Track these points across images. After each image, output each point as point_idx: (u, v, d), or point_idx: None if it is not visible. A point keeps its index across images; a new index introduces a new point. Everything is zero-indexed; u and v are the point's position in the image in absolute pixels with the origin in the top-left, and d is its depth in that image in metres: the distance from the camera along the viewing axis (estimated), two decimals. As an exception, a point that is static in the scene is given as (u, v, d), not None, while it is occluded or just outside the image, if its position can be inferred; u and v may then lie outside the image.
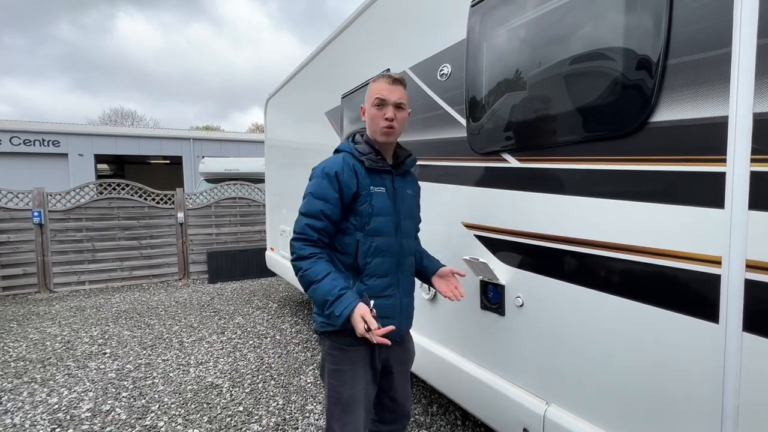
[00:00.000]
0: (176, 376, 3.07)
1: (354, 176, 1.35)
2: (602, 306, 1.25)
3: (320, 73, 3.39)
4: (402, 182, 1.49)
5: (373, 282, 1.37)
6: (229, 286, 6.09)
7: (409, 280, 1.50)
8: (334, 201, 1.32)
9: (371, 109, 1.38)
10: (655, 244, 1.11)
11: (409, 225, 1.50)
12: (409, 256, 1.49)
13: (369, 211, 1.36)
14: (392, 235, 1.41)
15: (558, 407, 1.41)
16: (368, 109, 1.40)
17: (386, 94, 1.36)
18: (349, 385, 1.37)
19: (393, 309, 1.41)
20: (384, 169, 1.41)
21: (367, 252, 1.36)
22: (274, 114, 4.77)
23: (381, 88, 1.37)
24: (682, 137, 1.04)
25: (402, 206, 1.46)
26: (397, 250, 1.42)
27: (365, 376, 1.40)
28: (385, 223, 1.38)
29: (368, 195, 1.36)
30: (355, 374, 1.37)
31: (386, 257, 1.39)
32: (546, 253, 1.44)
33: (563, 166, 1.36)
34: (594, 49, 1.24)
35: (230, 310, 4.77)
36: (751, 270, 0.92)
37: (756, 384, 0.92)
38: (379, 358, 1.43)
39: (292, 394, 2.76)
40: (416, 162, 1.57)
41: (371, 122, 1.39)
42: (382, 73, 1.41)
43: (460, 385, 1.86)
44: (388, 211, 1.40)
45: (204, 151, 15.87)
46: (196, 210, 6.64)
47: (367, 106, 1.41)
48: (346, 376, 1.37)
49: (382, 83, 1.38)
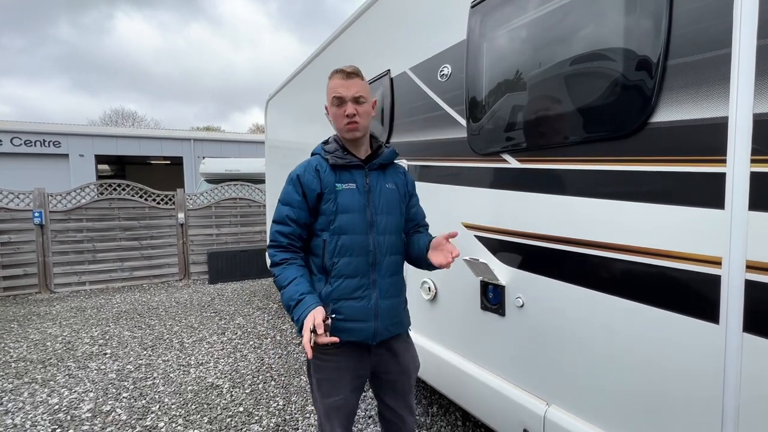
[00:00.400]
0: (177, 376, 3.07)
1: (316, 177, 1.33)
2: (602, 307, 1.25)
3: (320, 74, 3.39)
4: (379, 176, 1.41)
5: (340, 283, 1.31)
6: (229, 286, 6.10)
7: (389, 280, 1.38)
8: (298, 204, 1.32)
9: (331, 108, 1.35)
10: (656, 245, 1.11)
11: (388, 221, 1.38)
12: (392, 255, 1.39)
13: (333, 209, 1.31)
14: (362, 233, 1.33)
15: (558, 408, 1.41)
16: (330, 109, 1.37)
17: (342, 90, 1.31)
18: (326, 393, 1.35)
19: (365, 311, 1.32)
20: (353, 164, 1.36)
21: (334, 252, 1.31)
22: (274, 114, 4.77)
23: (336, 85, 1.32)
24: (683, 138, 1.04)
25: (378, 201, 1.37)
26: (369, 248, 1.33)
27: (347, 385, 1.35)
28: (352, 221, 1.32)
29: (332, 192, 1.32)
30: (335, 383, 1.34)
31: (354, 256, 1.32)
32: (546, 253, 1.44)
33: (564, 167, 1.36)
34: (594, 50, 1.24)
35: (231, 311, 4.77)
36: (751, 270, 0.92)
37: (756, 385, 0.92)
38: (366, 367, 1.39)
39: (293, 394, 2.76)
40: (395, 153, 1.47)
41: (334, 121, 1.36)
42: (336, 69, 1.35)
43: (460, 386, 1.86)
44: (356, 208, 1.33)
45: (204, 152, 15.89)
46: (196, 210, 6.64)
47: (328, 106, 1.37)
48: (325, 385, 1.35)
49: (336, 80, 1.33)
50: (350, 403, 1.38)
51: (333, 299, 1.30)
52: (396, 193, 1.44)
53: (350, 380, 1.36)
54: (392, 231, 1.41)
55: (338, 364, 1.34)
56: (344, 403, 1.35)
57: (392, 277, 1.40)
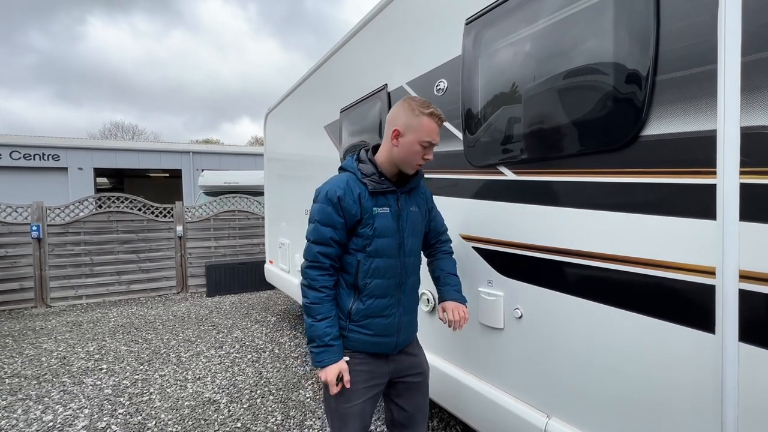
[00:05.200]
0: (173, 391, 3.03)
1: (356, 202, 1.35)
2: (600, 317, 1.26)
3: (319, 88, 3.45)
4: (407, 200, 1.47)
5: (371, 302, 1.38)
6: (227, 299, 6.06)
7: (411, 298, 1.50)
8: (341, 226, 1.35)
9: (415, 145, 1.34)
10: (651, 255, 1.12)
11: (413, 243, 1.48)
12: (413, 276, 1.49)
13: (370, 233, 1.36)
14: (394, 257, 1.41)
15: (559, 420, 1.40)
16: (410, 142, 1.35)
17: (436, 137, 1.37)
18: (345, 399, 1.38)
19: (390, 327, 1.42)
20: (389, 190, 1.41)
21: (367, 273, 1.37)
22: (273, 127, 4.82)
23: (433, 130, 1.35)
24: (674, 150, 1.07)
25: (407, 225, 1.44)
26: (399, 270, 1.42)
27: (363, 392, 1.40)
28: (387, 245, 1.39)
29: (371, 218, 1.36)
30: (352, 391, 1.37)
31: (386, 278, 1.40)
32: (543, 264, 1.45)
33: (559, 179, 1.38)
34: (586, 65, 1.28)
35: (228, 324, 4.74)
36: (744, 280, 0.93)
37: (755, 394, 0.93)
38: (384, 373, 1.45)
39: (291, 409, 2.73)
40: (423, 176, 1.56)
41: (407, 154, 1.36)
42: (431, 109, 1.34)
43: (459, 399, 1.84)
44: (391, 232, 1.40)
45: (203, 164, 15.97)
46: (195, 223, 6.64)
47: (409, 138, 1.34)
48: (345, 391, 1.37)
49: (434, 123, 1.34)
50: (367, 411, 1.42)
51: (363, 316, 1.38)
52: (419, 214, 1.51)
53: (369, 387, 1.41)
54: (416, 252, 1.51)
55: (356, 368, 1.38)
56: (361, 411, 1.39)
57: (413, 295, 1.52)
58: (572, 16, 1.32)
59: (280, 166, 4.58)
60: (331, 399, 1.41)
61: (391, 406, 1.54)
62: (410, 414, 1.52)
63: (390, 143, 1.38)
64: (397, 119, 1.37)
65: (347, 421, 1.39)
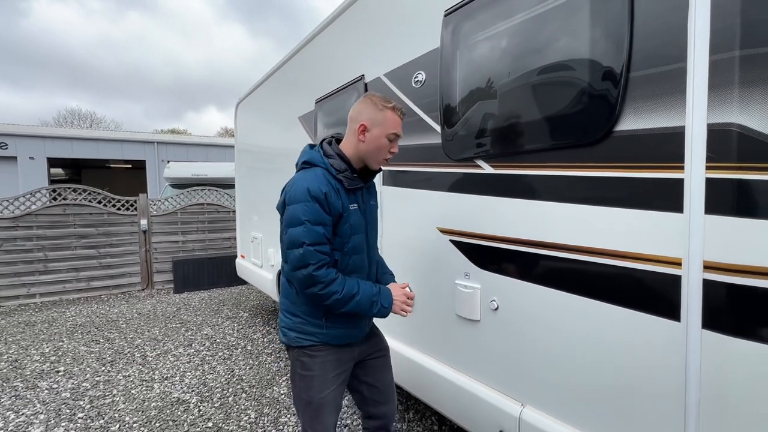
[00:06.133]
0: (139, 392, 2.89)
1: (338, 198, 1.34)
2: (573, 308, 1.30)
3: (293, 78, 3.35)
4: (367, 195, 1.51)
5: None
6: (196, 295, 5.85)
7: None
8: (329, 223, 1.33)
9: (382, 138, 1.38)
10: (621, 247, 1.16)
11: (374, 237, 1.55)
12: (374, 265, 1.57)
13: (348, 231, 1.37)
14: (364, 252, 1.46)
15: (533, 408, 1.43)
16: (376, 136, 1.37)
17: (400, 130, 1.42)
18: (317, 389, 1.39)
19: (362, 319, 1.48)
20: (358, 187, 1.42)
21: (344, 270, 1.39)
22: (244, 118, 4.66)
23: (398, 123, 1.41)
24: (644, 145, 1.10)
25: (369, 219, 1.50)
26: (367, 264, 1.49)
27: (333, 380, 1.43)
28: (360, 241, 1.43)
29: (348, 214, 1.37)
30: (324, 378, 1.40)
31: (358, 274, 1.44)
32: (518, 256, 1.47)
33: (535, 173, 1.40)
34: (562, 61, 1.29)
35: (198, 321, 4.57)
36: (708, 270, 0.98)
37: (715, 378, 0.98)
38: (350, 358, 1.48)
39: (265, 406, 2.67)
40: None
41: (375, 149, 1.39)
42: (393, 104, 1.40)
43: (435, 390, 1.86)
44: (361, 228, 1.43)
45: (169, 155, 15.27)
46: (160, 217, 6.34)
47: (375, 132, 1.37)
48: (314, 381, 1.39)
49: (397, 117, 1.40)
50: (338, 396, 1.46)
51: (340, 312, 1.37)
52: (375, 208, 1.57)
53: (339, 374, 1.44)
54: (376, 245, 1.57)
55: (325, 359, 1.40)
56: (333, 398, 1.43)
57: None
58: (550, 11, 1.33)
59: (252, 157, 4.43)
60: (302, 392, 1.41)
61: (361, 387, 1.57)
62: (381, 389, 1.58)
63: (356, 138, 1.39)
64: (360, 115, 1.39)
65: (321, 410, 1.40)
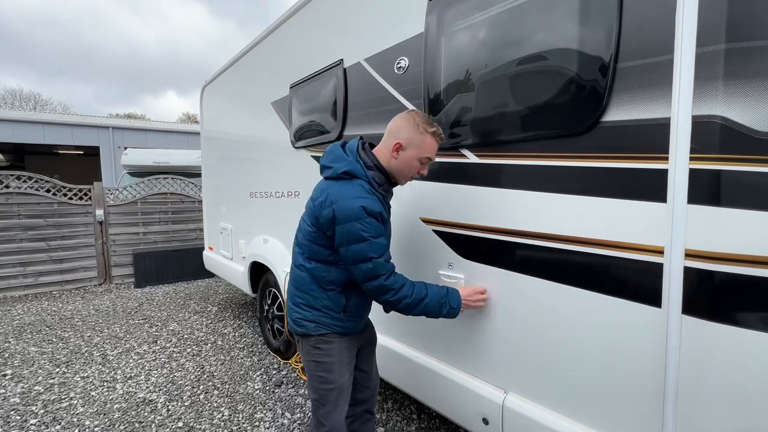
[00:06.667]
0: (100, 394, 2.71)
1: (385, 210, 1.42)
2: (556, 296, 1.32)
3: (266, 60, 3.19)
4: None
5: (364, 297, 1.51)
6: (160, 290, 5.56)
7: None
8: (385, 231, 1.40)
9: (415, 161, 1.44)
10: (605, 236, 1.18)
11: None
12: None
13: (386, 242, 1.42)
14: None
15: (516, 395, 1.46)
16: (411, 157, 1.43)
17: (435, 155, 1.47)
18: (338, 373, 1.48)
19: (368, 311, 1.62)
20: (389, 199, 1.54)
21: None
22: (212, 102, 4.41)
23: (435, 148, 1.45)
24: (630, 136, 1.12)
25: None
26: None
27: (348, 365, 1.53)
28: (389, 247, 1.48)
29: (386, 222, 1.44)
30: (342, 363, 1.49)
31: None
32: (502, 246, 1.48)
33: (521, 162, 1.40)
34: (550, 50, 1.29)
35: (163, 317, 4.35)
36: (689, 258, 1.01)
37: (694, 362, 1.02)
38: (357, 345, 1.59)
39: (239, 403, 2.58)
40: None
41: (405, 167, 1.45)
42: (435, 128, 1.43)
43: (416, 379, 1.86)
44: (390, 235, 1.51)
45: (126, 142, 14.29)
46: (118, 207, 5.94)
47: (410, 153, 1.43)
48: (335, 366, 1.47)
49: (435, 142, 1.44)
50: (351, 382, 1.56)
51: (358, 308, 1.51)
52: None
53: (351, 360, 1.55)
54: None
55: (341, 345, 1.49)
56: (350, 383, 1.54)
57: None
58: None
59: (221, 145, 4.22)
60: (322, 379, 1.47)
61: (355, 373, 1.63)
62: (370, 374, 1.72)
63: (389, 153, 1.44)
64: (400, 132, 1.43)
65: (343, 394, 1.50)
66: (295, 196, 2.75)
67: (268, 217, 3.17)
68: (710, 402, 1.00)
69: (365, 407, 1.74)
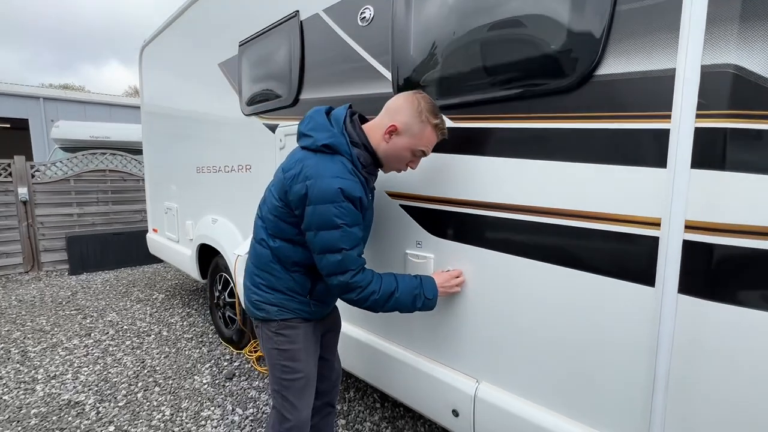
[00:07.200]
0: (14, 398, 2.34)
1: (365, 195, 1.23)
2: (535, 276, 1.18)
3: (212, 15, 2.80)
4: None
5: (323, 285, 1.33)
6: (99, 277, 5.03)
7: None
8: (361, 219, 1.23)
9: (407, 150, 1.25)
10: (593, 208, 1.05)
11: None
12: None
13: (362, 234, 1.26)
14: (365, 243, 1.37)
15: (489, 384, 1.33)
16: (403, 146, 1.24)
17: (431, 150, 1.29)
18: (305, 361, 1.34)
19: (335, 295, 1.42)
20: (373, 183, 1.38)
21: None
22: (152, 67, 3.91)
23: (433, 142, 1.27)
24: (627, 92, 0.97)
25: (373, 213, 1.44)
26: None
27: (314, 353, 1.40)
28: (366, 237, 1.35)
29: (366, 212, 1.28)
30: (308, 351, 1.36)
31: None
32: (477, 222, 1.32)
33: (500, 126, 1.23)
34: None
35: (100, 306, 3.91)
36: (690, 231, 0.89)
37: (690, 347, 0.92)
38: (320, 331, 1.45)
39: (183, 400, 2.32)
40: None
41: (395, 156, 1.27)
42: (439, 120, 1.23)
43: (381, 369, 1.70)
44: (370, 224, 1.39)
45: (62, 115, 12.84)
46: (47, 185, 5.27)
47: (404, 140, 1.23)
48: (301, 354, 1.33)
49: (436, 137, 1.26)
50: (316, 368, 1.42)
51: (324, 294, 1.35)
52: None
53: (317, 347, 1.42)
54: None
55: (307, 330, 1.35)
56: (314, 370, 1.40)
57: None
58: (526, -70, 1.13)
59: (164, 114, 3.76)
60: (286, 368, 1.32)
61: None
62: (332, 363, 1.58)
63: (381, 135, 1.25)
64: (398, 113, 1.23)
65: (309, 383, 1.36)
66: (247, 171, 2.46)
67: (217, 195, 2.85)
68: (707, 394, 0.90)
69: (326, 399, 1.59)
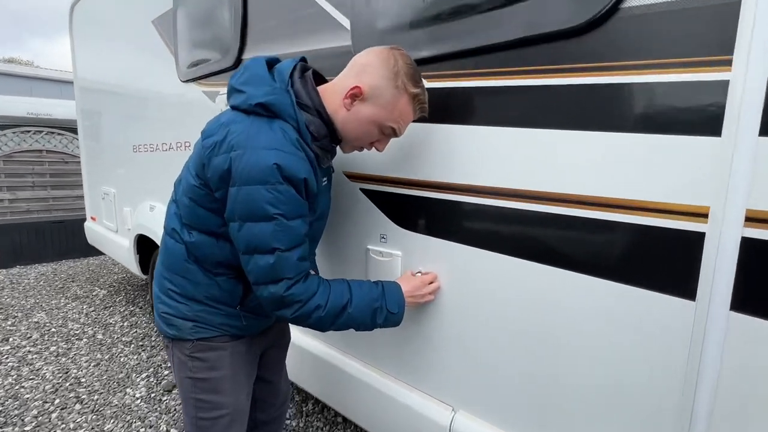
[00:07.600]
0: None
1: (314, 177, 0.91)
2: (532, 281, 0.92)
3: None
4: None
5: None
6: (33, 270, 4.48)
7: None
8: (307, 210, 0.91)
9: (372, 124, 0.93)
10: (613, 194, 0.78)
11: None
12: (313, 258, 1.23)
13: (313, 218, 0.98)
14: (316, 243, 1.13)
15: (467, 414, 1.07)
16: (367, 115, 0.92)
17: (403, 130, 0.98)
18: (229, 393, 1.04)
19: None
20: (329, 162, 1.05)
21: None
22: (82, 29, 3.37)
23: (409, 118, 0.96)
24: (666, 31, 0.70)
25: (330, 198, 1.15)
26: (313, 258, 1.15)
27: (247, 380, 1.10)
28: (320, 230, 1.11)
29: (318, 196, 0.96)
30: (236, 379, 1.05)
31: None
32: (456, 210, 1.03)
33: (491, 84, 0.94)
34: None
35: (27, 305, 3.42)
36: (751, 224, 0.64)
37: (742, 379, 0.67)
38: (259, 350, 1.16)
39: (108, 420, 1.95)
40: None
41: (356, 129, 0.95)
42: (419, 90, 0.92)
43: (341, 391, 1.42)
44: (326, 212, 1.10)
45: (3, 92, 11.62)
46: (-31, 165, 4.60)
47: (369, 110, 0.92)
48: (225, 384, 1.03)
49: (413, 112, 0.95)
50: (249, 399, 1.13)
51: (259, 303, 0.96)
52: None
53: (251, 371, 1.13)
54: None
55: (236, 350, 1.05)
56: (248, 403, 1.12)
57: None
58: None
59: (97, 85, 3.25)
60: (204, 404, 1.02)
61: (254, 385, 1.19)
62: (277, 386, 1.28)
63: (341, 98, 0.92)
64: (365, 73, 0.91)
65: (233, 425, 1.05)
66: (186, 148, 2.07)
67: (155, 178, 2.44)
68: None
69: (269, 430, 1.29)
